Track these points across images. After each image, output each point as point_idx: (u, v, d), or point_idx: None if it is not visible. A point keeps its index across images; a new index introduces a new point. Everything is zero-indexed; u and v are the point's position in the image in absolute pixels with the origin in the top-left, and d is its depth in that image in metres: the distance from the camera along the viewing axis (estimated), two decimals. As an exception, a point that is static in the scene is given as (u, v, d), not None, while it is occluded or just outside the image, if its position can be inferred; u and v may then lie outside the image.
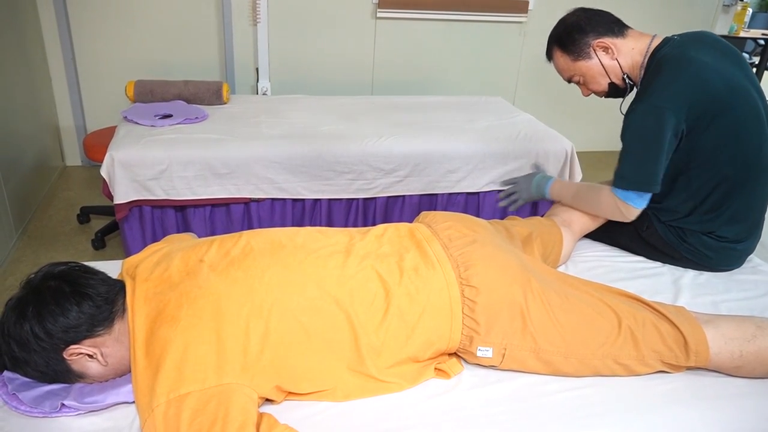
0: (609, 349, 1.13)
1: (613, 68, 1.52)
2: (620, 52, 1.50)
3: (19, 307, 0.98)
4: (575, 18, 1.54)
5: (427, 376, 1.13)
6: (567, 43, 1.54)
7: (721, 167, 1.41)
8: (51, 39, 3.11)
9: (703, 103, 1.35)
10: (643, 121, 1.37)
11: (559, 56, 1.58)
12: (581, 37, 1.51)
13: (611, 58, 1.51)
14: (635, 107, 1.39)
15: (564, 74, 1.62)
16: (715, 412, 1.09)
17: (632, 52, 1.50)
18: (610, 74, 1.53)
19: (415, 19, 3.48)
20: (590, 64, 1.53)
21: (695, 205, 1.47)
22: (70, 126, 3.34)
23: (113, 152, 2.09)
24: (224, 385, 0.93)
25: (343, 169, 2.28)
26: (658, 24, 3.72)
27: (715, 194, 1.44)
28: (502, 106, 3.00)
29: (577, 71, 1.57)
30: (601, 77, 1.54)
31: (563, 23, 1.56)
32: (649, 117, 1.36)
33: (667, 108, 1.34)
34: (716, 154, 1.40)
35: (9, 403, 0.99)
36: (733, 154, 1.40)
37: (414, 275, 1.13)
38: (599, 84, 1.56)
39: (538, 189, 1.70)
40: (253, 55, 3.36)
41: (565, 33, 1.54)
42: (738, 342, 1.14)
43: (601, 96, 1.61)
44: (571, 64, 1.56)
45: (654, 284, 1.49)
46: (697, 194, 1.46)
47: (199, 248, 1.13)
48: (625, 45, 1.50)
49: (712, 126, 1.36)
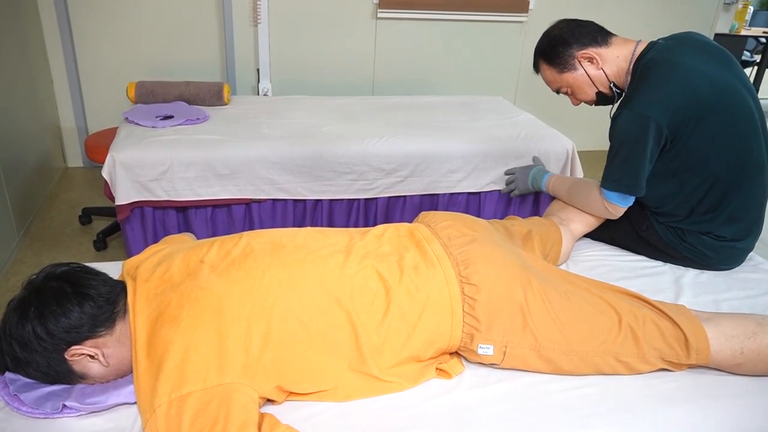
0: (610, 346, 1.13)
1: (598, 78, 1.54)
2: (605, 61, 1.52)
3: (21, 307, 0.98)
4: (558, 31, 1.56)
5: (429, 376, 1.13)
6: (552, 56, 1.56)
7: (714, 169, 1.41)
8: (52, 40, 3.12)
9: (688, 108, 1.35)
10: (627, 128, 1.39)
11: (545, 69, 1.61)
12: (565, 50, 1.54)
13: (596, 68, 1.53)
14: (620, 113, 1.41)
15: (552, 86, 1.64)
16: (717, 410, 1.09)
17: (617, 60, 1.51)
18: (597, 84, 1.55)
19: (416, 19, 3.48)
20: (576, 75, 1.55)
21: (692, 208, 1.48)
22: (72, 127, 3.35)
23: (114, 153, 2.09)
24: (225, 385, 0.93)
25: (344, 170, 2.28)
26: (659, 23, 3.71)
27: (711, 195, 1.44)
28: (503, 105, 3.00)
29: (564, 83, 1.59)
30: (588, 87, 1.56)
31: (547, 36, 1.58)
32: (632, 124, 1.38)
33: (650, 116, 1.35)
34: (707, 156, 1.40)
35: (11, 404, 0.99)
36: (725, 155, 1.40)
37: (414, 274, 1.13)
38: (587, 94, 1.58)
39: (534, 182, 1.73)
40: (253, 55, 3.36)
41: (549, 46, 1.57)
42: (739, 339, 1.15)
43: (590, 105, 1.63)
44: (557, 76, 1.58)
45: (655, 283, 1.49)
46: (692, 197, 1.46)
47: (199, 249, 1.13)
48: (610, 53, 1.52)
49: (699, 129, 1.37)
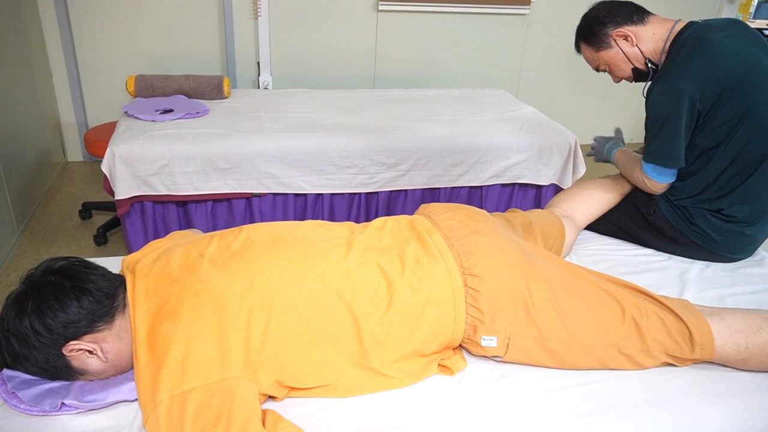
0: (613, 338, 1.12)
1: (634, 55, 1.59)
2: (641, 38, 1.57)
3: (19, 302, 0.98)
4: (595, 11, 1.64)
5: (431, 372, 1.12)
6: (588, 35, 1.64)
7: (738, 146, 1.45)
8: (51, 34, 3.10)
9: (718, 83, 1.39)
10: (660, 101, 1.45)
11: (584, 49, 1.68)
12: (600, 29, 1.60)
13: (631, 45, 1.58)
14: (653, 87, 1.47)
15: (591, 64, 1.72)
16: (723, 407, 1.08)
17: (654, 38, 1.56)
18: (633, 60, 1.60)
19: (418, 12, 3.46)
20: (612, 53, 1.61)
21: (708, 184, 1.51)
22: (72, 121, 3.34)
23: (114, 148, 2.08)
24: (228, 380, 0.93)
25: (345, 164, 2.27)
26: (663, 13, 3.65)
27: (729, 172, 1.48)
28: (505, 98, 2.98)
29: (601, 60, 1.66)
30: (624, 64, 1.62)
31: (585, 18, 1.66)
32: (664, 97, 1.44)
33: (682, 89, 1.40)
34: (734, 134, 1.44)
35: (8, 402, 0.98)
36: (751, 133, 1.43)
37: (416, 267, 1.12)
38: (623, 71, 1.64)
39: (607, 153, 1.79)
40: (254, 49, 3.34)
41: (586, 26, 1.64)
42: (744, 334, 1.14)
43: (630, 81, 1.68)
44: (594, 54, 1.65)
45: (660, 278, 1.48)
46: (711, 171, 1.49)
47: (199, 243, 1.12)
48: (646, 31, 1.57)
49: (728, 104, 1.41)
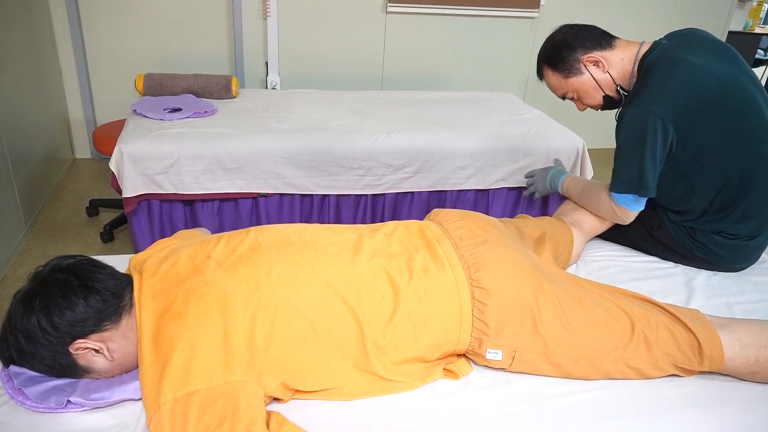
0: (621, 353, 1.11)
1: (605, 81, 1.52)
2: (610, 64, 1.50)
3: (27, 299, 0.98)
4: (562, 36, 1.55)
5: (436, 376, 1.11)
6: (556, 61, 1.55)
7: (724, 167, 1.39)
8: (61, 32, 3.11)
9: (693, 105, 1.33)
10: (632, 126, 1.37)
11: (550, 75, 1.59)
12: (570, 54, 1.52)
13: (602, 72, 1.51)
14: (625, 111, 1.39)
15: (557, 92, 1.62)
16: (729, 417, 1.07)
17: (622, 62, 1.50)
18: (604, 87, 1.53)
19: (426, 14, 3.46)
20: (582, 80, 1.54)
21: (705, 208, 1.45)
22: (80, 119, 3.35)
23: (122, 145, 2.09)
24: (232, 383, 0.93)
25: (352, 165, 2.27)
26: (672, 20, 3.66)
27: (723, 194, 1.42)
28: (513, 102, 2.97)
29: (570, 88, 1.57)
30: (594, 91, 1.55)
31: (550, 42, 1.57)
32: (637, 122, 1.36)
33: (655, 113, 1.33)
34: (716, 154, 1.38)
35: (15, 398, 0.98)
36: (735, 152, 1.38)
37: (424, 276, 1.11)
38: (594, 98, 1.57)
39: (551, 183, 1.71)
40: (262, 49, 3.35)
41: (553, 51, 1.55)
42: (754, 347, 1.12)
43: (597, 109, 1.60)
44: (563, 81, 1.57)
45: (666, 285, 1.47)
46: (705, 196, 1.44)
47: (206, 244, 1.12)
48: (615, 56, 1.50)
49: (706, 126, 1.35)
